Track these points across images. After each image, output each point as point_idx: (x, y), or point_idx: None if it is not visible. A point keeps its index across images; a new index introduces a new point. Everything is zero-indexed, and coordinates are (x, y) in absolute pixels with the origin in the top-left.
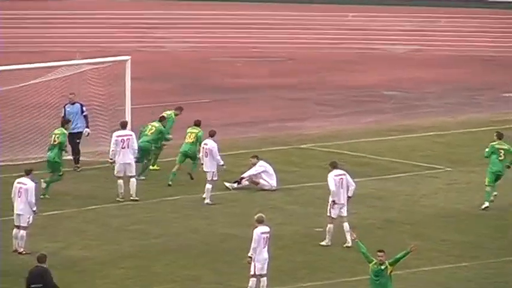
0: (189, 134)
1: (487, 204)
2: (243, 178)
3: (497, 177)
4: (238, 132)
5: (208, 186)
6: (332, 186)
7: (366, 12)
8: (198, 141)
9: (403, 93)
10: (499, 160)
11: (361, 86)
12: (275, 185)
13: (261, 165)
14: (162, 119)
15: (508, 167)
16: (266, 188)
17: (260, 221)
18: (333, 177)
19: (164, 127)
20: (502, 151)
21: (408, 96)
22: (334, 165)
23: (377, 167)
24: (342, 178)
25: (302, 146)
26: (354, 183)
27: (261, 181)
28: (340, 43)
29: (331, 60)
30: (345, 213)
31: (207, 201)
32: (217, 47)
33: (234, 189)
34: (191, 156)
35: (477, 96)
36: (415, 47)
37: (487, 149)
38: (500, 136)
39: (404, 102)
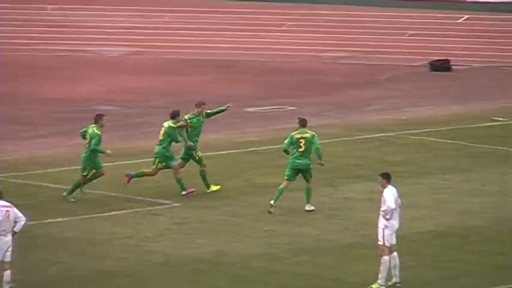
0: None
1: (272, 202)
2: None
3: (297, 172)
4: None
5: None
6: None
7: (70, 5)
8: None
9: (122, 108)
10: (299, 152)
11: (68, 99)
12: None
13: None
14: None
15: (320, 163)
16: None
17: None
18: None
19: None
20: (302, 141)
21: (128, 112)
22: None
23: (85, 203)
24: (8, 210)
25: None
26: (24, 217)
27: None
28: (37, 43)
29: (25, 65)
30: (8, 258)
31: None
32: None
33: None
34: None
35: None
36: (135, 49)
37: (286, 140)
38: (303, 123)
39: (124, 119)
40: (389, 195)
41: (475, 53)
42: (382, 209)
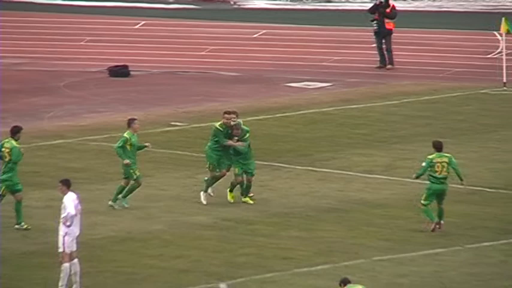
0: None
1: None
2: None
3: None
4: None
5: None
6: None
7: None
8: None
9: None
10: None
11: None
12: None
13: None
14: None
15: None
16: None
17: None
18: None
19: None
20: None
21: None
22: None
23: None
24: None
25: None
26: None
27: None
28: None
29: None
30: None
31: None
32: None
33: None
34: None
35: None
36: None
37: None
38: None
39: None
40: (70, 201)
41: (153, 58)
42: (62, 215)
